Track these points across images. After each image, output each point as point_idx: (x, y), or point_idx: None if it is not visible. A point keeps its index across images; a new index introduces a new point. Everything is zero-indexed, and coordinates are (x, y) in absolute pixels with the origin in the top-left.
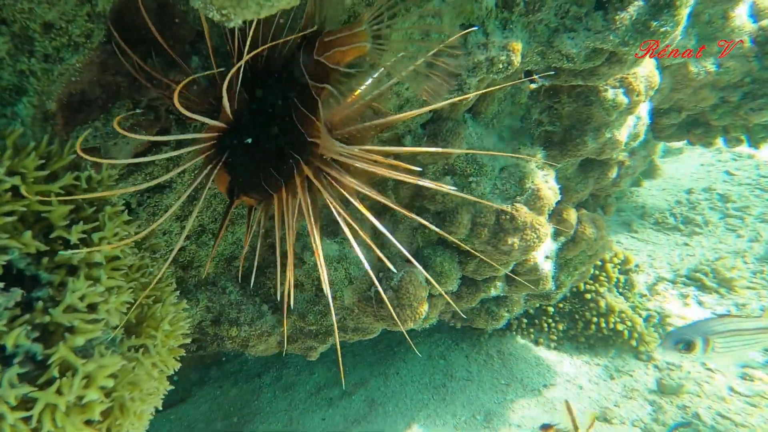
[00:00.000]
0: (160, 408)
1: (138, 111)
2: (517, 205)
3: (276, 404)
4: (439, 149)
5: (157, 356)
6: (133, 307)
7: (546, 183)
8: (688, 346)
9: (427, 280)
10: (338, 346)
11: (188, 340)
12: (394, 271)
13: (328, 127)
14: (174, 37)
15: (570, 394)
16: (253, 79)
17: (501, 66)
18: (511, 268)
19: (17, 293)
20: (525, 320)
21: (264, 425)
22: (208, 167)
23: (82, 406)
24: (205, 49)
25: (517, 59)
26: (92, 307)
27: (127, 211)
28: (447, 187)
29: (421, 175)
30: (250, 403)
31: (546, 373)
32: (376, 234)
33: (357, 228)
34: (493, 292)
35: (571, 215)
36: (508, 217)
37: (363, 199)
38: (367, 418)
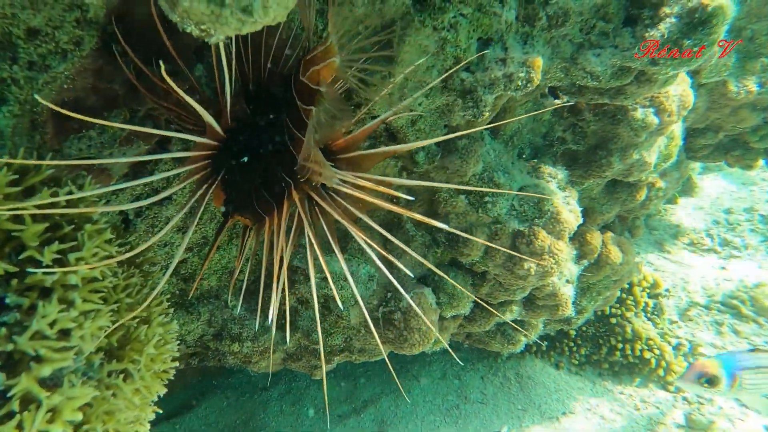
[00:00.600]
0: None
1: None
2: (536, 228)
3: (283, 419)
4: (442, 184)
5: (141, 381)
6: (111, 329)
7: (567, 205)
8: (712, 381)
9: (438, 303)
10: (324, 381)
11: (176, 363)
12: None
13: (332, 150)
14: (177, 44)
15: (590, 424)
16: (255, 94)
17: (520, 83)
18: (527, 293)
19: None
20: (545, 342)
21: None
22: (204, 186)
23: None
24: (210, 56)
25: (537, 76)
26: (64, 333)
27: (121, 225)
28: (437, 223)
29: (433, 195)
30: (255, 417)
31: (565, 399)
32: (386, 250)
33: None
34: (508, 316)
35: (595, 238)
36: (524, 240)
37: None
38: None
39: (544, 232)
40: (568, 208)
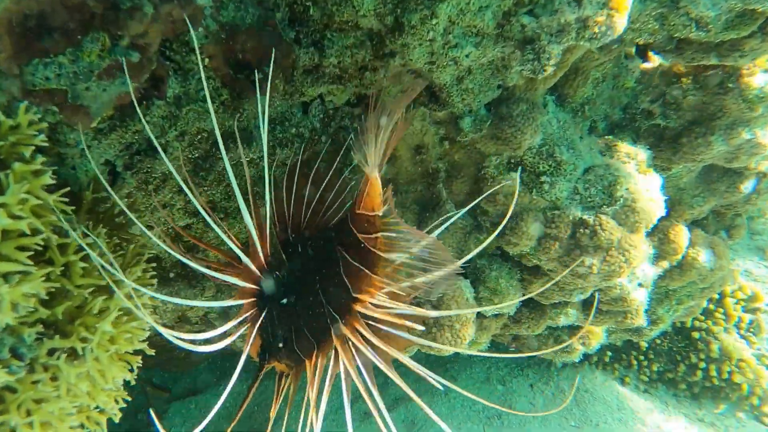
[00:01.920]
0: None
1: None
2: (603, 217)
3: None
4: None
5: (93, 363)
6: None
7: (646, 192)
8: None
9: (476, 298)
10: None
11: (143, 346)
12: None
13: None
14: None
15: None
16: (297, 239)
17: (598, 30)
18: (588, 294)
19: None
20: (609, 353)
21: None
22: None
23: None
24: None
25: (620, 22)
26: None
27: (107, 177)
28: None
29: (481, 166)
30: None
31: (630, 421)
32: (419, 227)
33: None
34: (563, 321)
35: (680, 236)
36: (587, 231)
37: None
38: None
39: (613, 222)
40: (647, 196)
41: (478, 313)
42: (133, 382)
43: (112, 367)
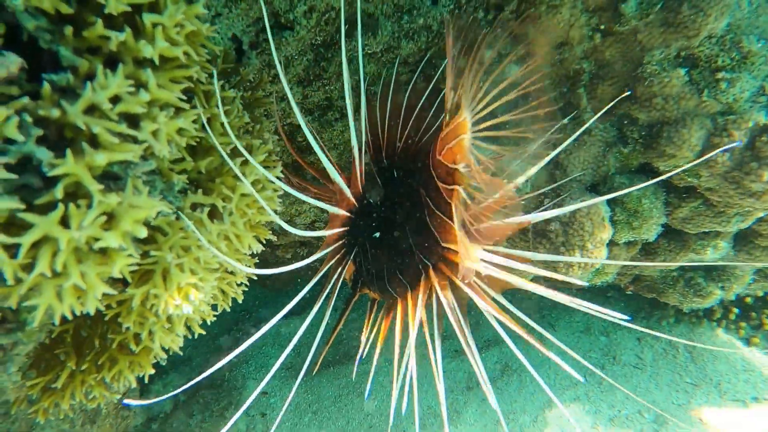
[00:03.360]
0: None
1: None
2: None
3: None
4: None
5: (231, 227)
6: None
7: None
8: None
9: (612, 221)
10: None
11: (276, 219)
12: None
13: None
14: None
15: None
16: (389, 166)
17: None
18: (749, 223)
19: (14, 61)
20: (736, 310)
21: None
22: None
23: (99, 253)
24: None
25: None
26: (131, 121)
27: (232, 54)
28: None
29: (638, 64)
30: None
31: (759, 383)
32: (551, 145)
33: None
34: (710, 254)
35: None
36: None
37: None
38: (497, 383)
39: None
40: None
41: (609, 241)
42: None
43: (247, 236)
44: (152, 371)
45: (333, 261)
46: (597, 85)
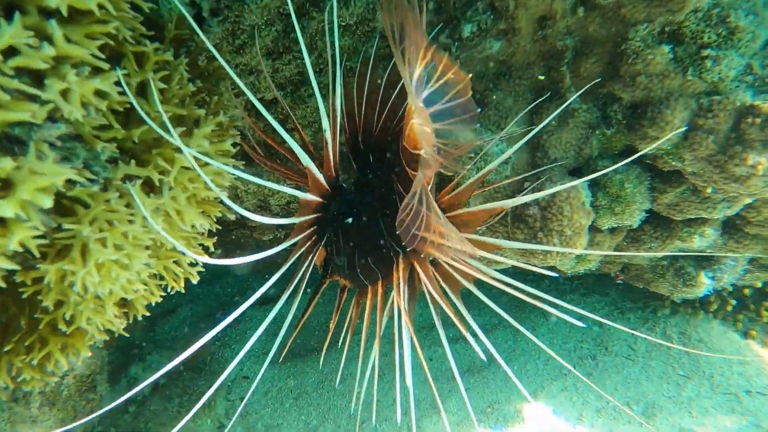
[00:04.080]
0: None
1: None
2: None
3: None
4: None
5: (171, 202)
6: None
7: None
8: None
9: (594, 206)
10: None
11: (224, 194)
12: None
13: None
14: None
15: None
16: (364, 150)
17: None
18: (736, 210)
19: None
20: (733, 301)
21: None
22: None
23: None
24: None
25: None
26: (34, 78)
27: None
28: None
29: (622, 40)
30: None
31: (754, 376)
32: (532, 122)
33: None
34: (697, 243)
35: None
36: (758, 120)
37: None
38: (482, 372)
39: None
40: None
41: (592, 227)
42: (214, 229)
43: (190, 210)
44: (89, 354)
45: (303, 248)
46: (581, 63)
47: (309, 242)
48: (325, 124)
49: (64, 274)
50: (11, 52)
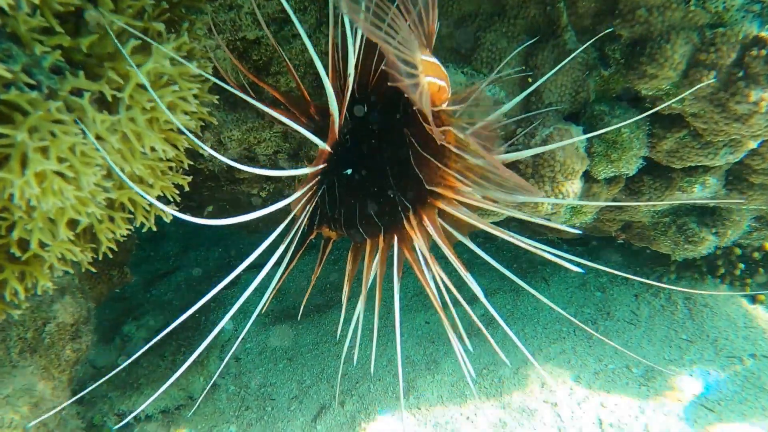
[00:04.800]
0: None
1: None
2: None
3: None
4: None
5: (128, 123)
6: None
7: None
8: None
9: (588, 151)
10: None
11: (192, 119)
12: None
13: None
14: None
15: None
16: (367, 98)
17: None
18: (740, 156)
19: None
20: (741, 265)
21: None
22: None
23: None
24: None
25: None
26: None
27: None
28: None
29: None
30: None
31: (758, 340)
32: (526, 64)
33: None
34: (697, 191)
35: None
36: (763, 52)
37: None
38: (481, 334)
39: None
40: None
41: (588, 177)
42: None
43: (150, 134)
44: (49, 283)
45: (301, 204)
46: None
47: (309, 195)
48: (351, 65)
49: (2, 184)
50: None
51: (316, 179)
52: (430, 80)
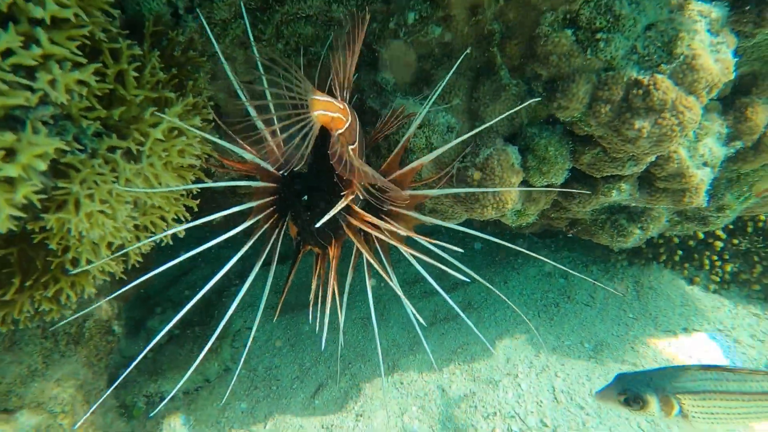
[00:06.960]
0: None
1: None
2: (658, 76)
3: (361, 295)
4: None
5: (148, 168)
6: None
7: (714, 53)
8: (639, 402)
9: (523, 165)
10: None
11: (197, 162)
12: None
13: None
14: None
15: (716, 346)
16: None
17: None
18: (642, 167)
19: None
20: (680, 252)
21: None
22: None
23: (5, 183)
24: None
25: None
26: (28, 73)
27: (169, 18)
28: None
29: (536, 25)
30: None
31: (692, 316)
32: (472, 99)
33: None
34: (615, 196)
35: (759, 114)
36: (640, 91)
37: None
38: (457, 319)
39: (669, 82)
40: (713, 56)
41: (527, 185)
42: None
43: (166, 174)
44: (93, 290)
45: (261, 216)
46: (507, 45)
47: (268, 211)
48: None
49: (63, 222)
50: (8, 53)
51: (272, 206)
52: (320, 113)
